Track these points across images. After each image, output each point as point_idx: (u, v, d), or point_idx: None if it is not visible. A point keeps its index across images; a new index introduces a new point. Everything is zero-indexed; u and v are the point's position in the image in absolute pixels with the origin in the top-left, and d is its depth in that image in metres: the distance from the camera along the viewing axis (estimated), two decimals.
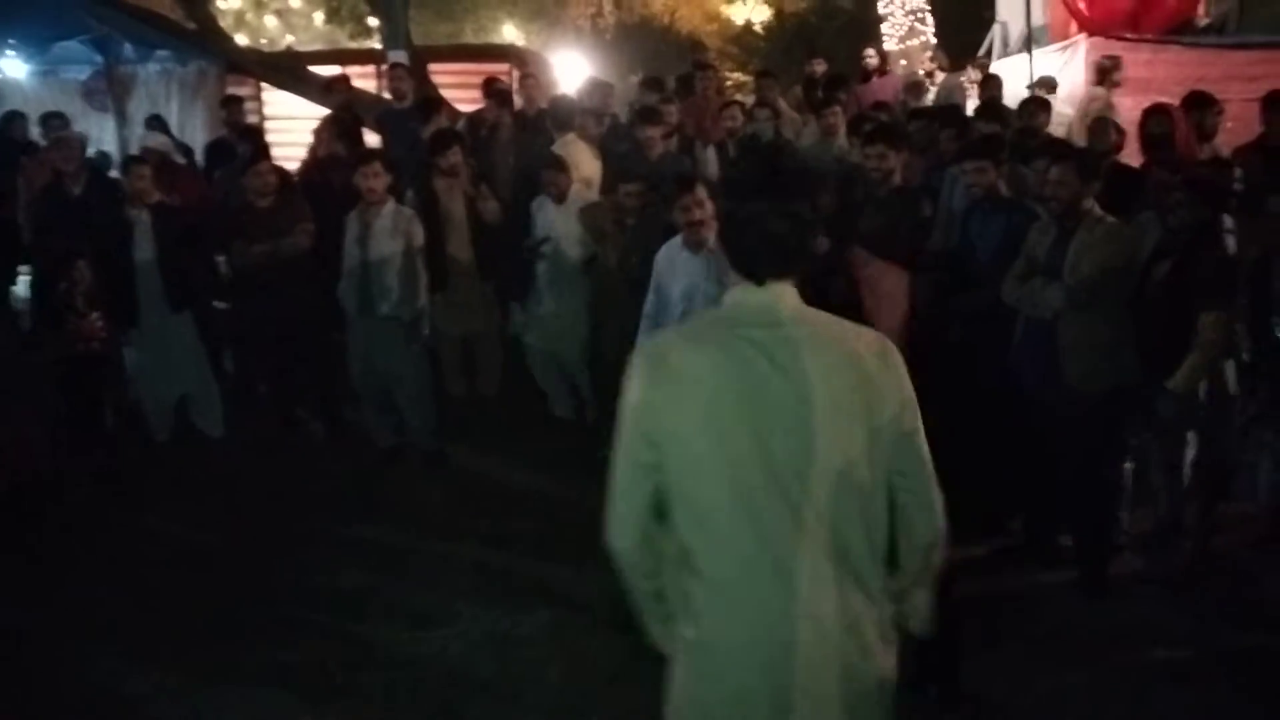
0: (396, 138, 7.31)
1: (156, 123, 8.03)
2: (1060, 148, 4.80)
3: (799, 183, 1.87)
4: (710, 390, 1.79)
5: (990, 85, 8.24)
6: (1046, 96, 7.19)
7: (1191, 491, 4.37)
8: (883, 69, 9.82)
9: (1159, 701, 3.56)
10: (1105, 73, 7.75)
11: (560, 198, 5.75)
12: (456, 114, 7.96)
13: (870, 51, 10.11)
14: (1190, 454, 4.36)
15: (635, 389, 1.84)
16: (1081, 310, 4.00)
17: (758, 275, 1.84)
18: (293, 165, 7.35)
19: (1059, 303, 4.03)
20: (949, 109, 6.44)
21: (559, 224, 5.75)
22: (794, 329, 1.83)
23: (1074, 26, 9.69)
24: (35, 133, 7.92)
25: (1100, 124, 6.08)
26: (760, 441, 1.78)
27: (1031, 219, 4.31)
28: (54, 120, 7.60)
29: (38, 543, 4.77)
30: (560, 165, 5.83)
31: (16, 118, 8.13)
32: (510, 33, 19.47)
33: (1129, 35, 8.94)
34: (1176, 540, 4.39)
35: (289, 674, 3.78)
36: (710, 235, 4.17)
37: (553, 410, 6.16)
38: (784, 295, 1.85)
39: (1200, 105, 6.04)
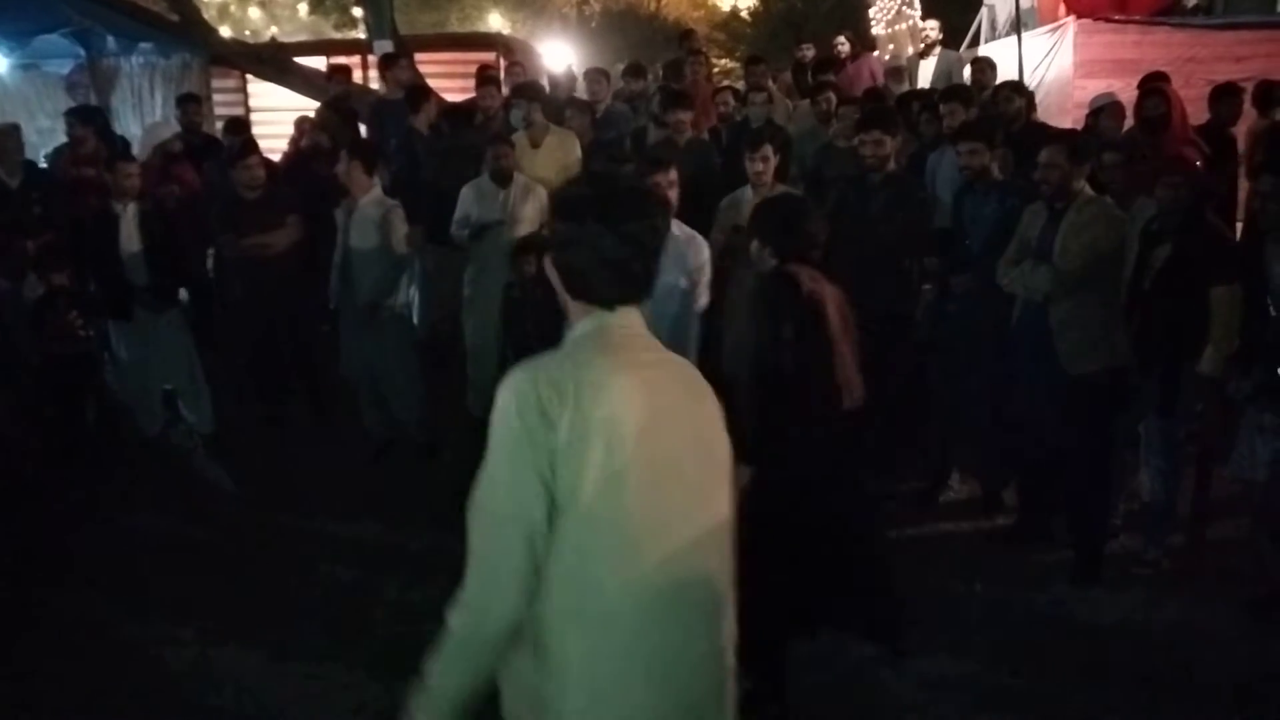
0: (391, 129, 7.23)
1: (97, 116, 7.76)
2: (1050, 130, 4.78)
3: (636, 204, 1.77)
4: (624, 420, 1.66)
5: (981, 69, 8.16)
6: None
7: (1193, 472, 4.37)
8: (855, 53, 9.73)
9: (1144, 686, 3.57)
10: None
11: (506, 178, 5.63)
12: (444, 103, 7.90)
13: (840, 39, 10.01)
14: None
15: (533, 419, 1.62)
16: (1071, 293, 4.00)
17: (604, 300, 1.76)
18: (278, 157, 7.31)
19: (1048, 285, 4.02)
20: (955, 87, 6.35)
21: (515, 207, 5.59)
22: (653, 358, 1.80)
23: (1062, 9, 9.67)
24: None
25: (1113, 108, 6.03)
26: (675, 469, 1.73)
27: (1025, 202, 4.30)
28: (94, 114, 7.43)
29: (25, 542, 4.73)
30: (508, 142, 5.71)
31: None
32: (495, 21, 19.37)
33: (1117, 17, 8.93)
34: (1171, 522, 4.40)
35: (286, 669, 3.76)
36: None
37: (470, 407, 5.73)
38: (638, 321, 1.80)
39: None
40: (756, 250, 3.40)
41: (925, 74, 10.17)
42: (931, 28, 9.75)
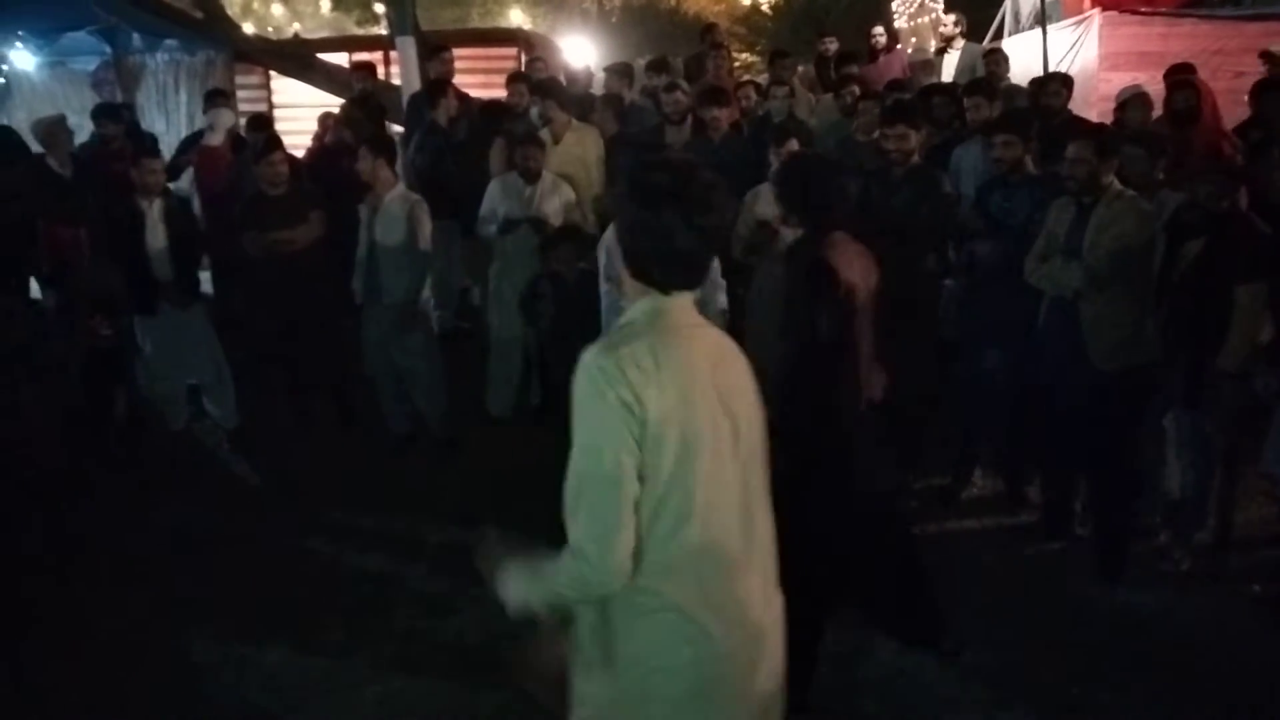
0: (418, 123, 7.24)
1: (125, 112, 7.82)
2: (1076, 125, 4.74)
3: (712, 198, 1.82)
4: (690, 389, 1.80)
5: (995, 61, 8.09)
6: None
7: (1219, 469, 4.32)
8: (890, 46, 9.69)
9: (1164, 687, 3.54)
10: None
11: (535, 177, 5.66)
12: (465, 97, 7.92)
13: (879, 29, 9.98)
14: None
15: (626, 394, 1.75)
16: (1102, 289, 3.96)
17: (664, 286, 1.84)
18: (302, 153, 7.35)
19: (1078, 282, 3.99)
20: (979, 81, 6.31)
21: (541, 203, 5.63)
22: (707, 337, 1.90)
23: (1087, 1, 9.58)
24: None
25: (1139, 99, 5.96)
26: (734, 435, 1.87)
27: (1058, 195, 4.25)
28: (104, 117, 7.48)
29: (58, 535, 4.79)
30: (539, 142, 5.75)
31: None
32: (516, 17, 19.39)
33: (1143, 9, 8.85)
34: (1200, 519, 4.35)
35: (308, 663, 3.79)
36: None
37: (488, 408, 5.98)
38: (691, 304, 1.89)
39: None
40: (781, 213, 3.42)
41: (948, 68, 10.10)
42: (951, 22, 9.67)
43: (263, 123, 7.09)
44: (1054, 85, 6.06)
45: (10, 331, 4.92)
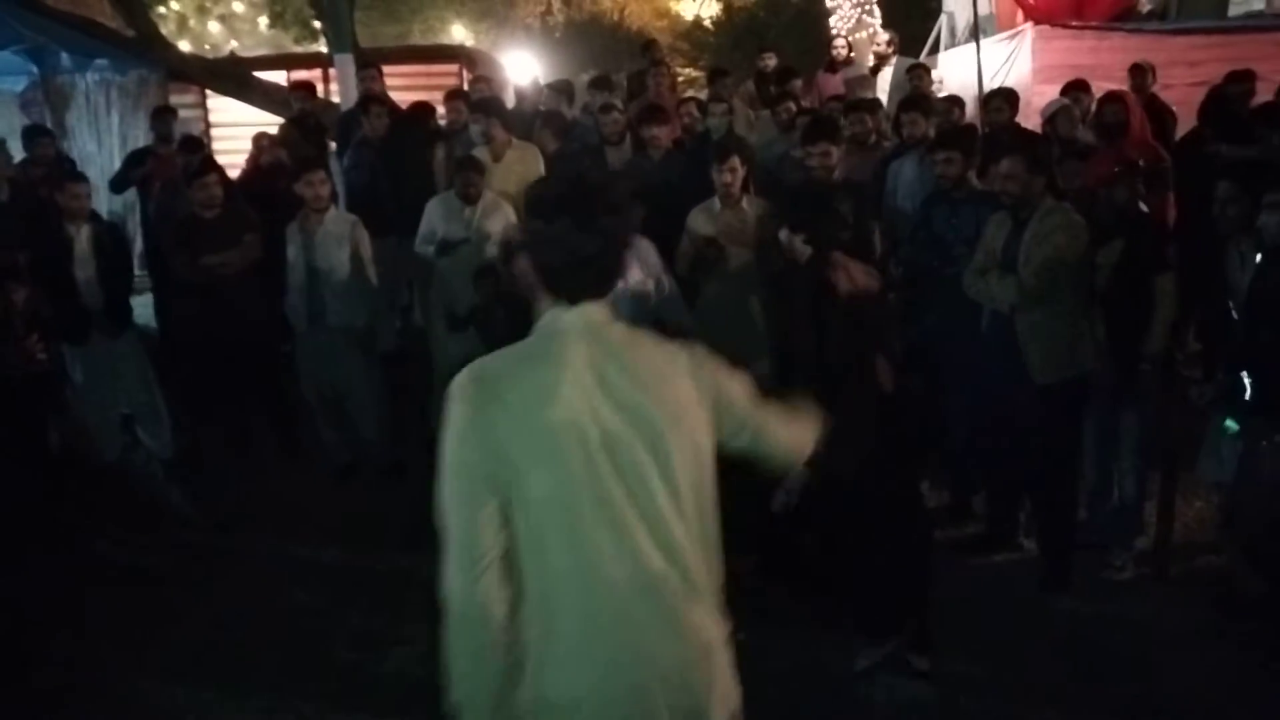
0: (348, 140, 7.17)
1: (44, 135, 7.60)
2: (1006, 140, 4.81)
3: (606, 198, 1.81)
4: (560, 413, 1.72)
5: (918, 76, 8.21)
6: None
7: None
8: (849, 59, 9.81)
9: (1119, 694, 3.58)
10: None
11: (474, 199, 5.58)
12: (397, 111, 7.82)
13: (840, 41, 10.10)
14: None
15: (472, 414, 1.72)
16: (1037, 302, 4.01)
17: (572, 294, 1.81)
18: (238, 173, 7.21)
19: (1014, 296, 4.03)
20: (915, 97, 6.40)
21: (481, 223, 5.52)
22: (620, 346, 1.82)
23: (1020, 16, 9.77)
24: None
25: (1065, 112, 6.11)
26: (613, 460, 1.75)
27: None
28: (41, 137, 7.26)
29: None
30: (478, 167, 5.69)
31: None
32: (459, 33, 19.30)
33: (1074, 23, 9.05)
34: (1138, 525, 4.42)
35: (245, 704, 3.68)
36: None
37: (434, 428, 5.84)
38: (600, 314, 1.83)
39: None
40: (787, 239, 3.61)
41: (883, 84, 10.24)
42: (884, 40, 9.83)
43: (196, 144, 6.95)
44: (996, 102, 6.16)
45: None
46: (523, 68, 12.73)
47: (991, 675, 3.68)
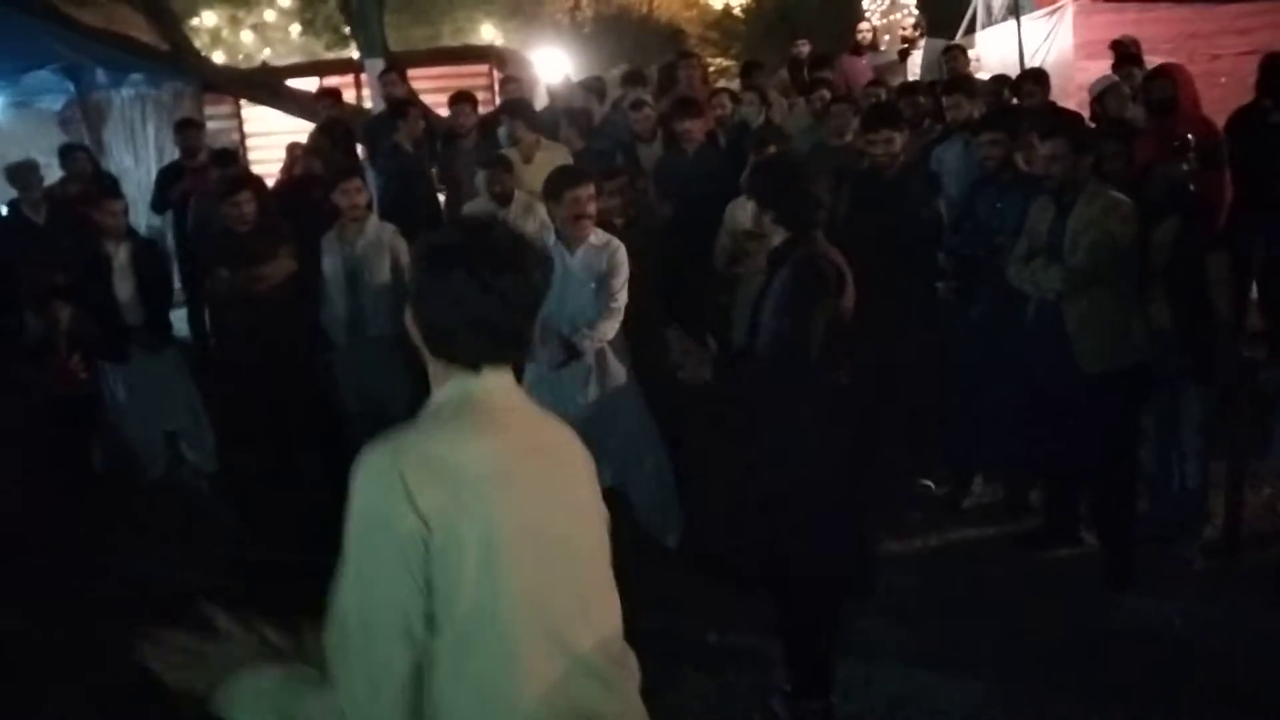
0: (379, 147, 7.14)
1: (79, 151, 7.63)
2: (1051, 120, 4.64)
3: (509, 256, 1.58)
4: (500, 505, 1.51)
5: (954, 58, 8.00)
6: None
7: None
8: (875, 44, 9.64)
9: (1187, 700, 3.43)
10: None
11: (506, 199, 5.53)
12: (435, 117, 7.79)
13: (864, 26, 9.95)
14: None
15: (405, 507, 1.46)
16: (1084, 289, 3.86)
17: (470, 361, 1.58)
18: (272, 181, 7.21)
19: (1059, 283, 3.89)
20: (958, 79, 6.23)
21: (514, 225, 5.51)
22: (526, 426, 1.64)
23: None
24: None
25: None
26: (552, 543, 1.58)
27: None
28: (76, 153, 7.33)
29: (28, 592, 4.65)
30: (507, 166, 5.62)
31: None
32: (488, 32, 19.28)
33: None
34: (1204, 517, 4.25)
35: None
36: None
37: None
38: (508, 384, 1.63)
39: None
40: (756, 215, 3.29)
41: (913, 68, 10.05)
42: (910, 25, 9.69)
43: (228, 157, 6.93)
44: (1028, 85, 5.97)
45: None
46: (553, 65, 12.67)
47: (1058, 674, 3.54)
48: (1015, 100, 6.09)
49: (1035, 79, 6.13)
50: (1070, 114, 6.08)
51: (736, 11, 20.27)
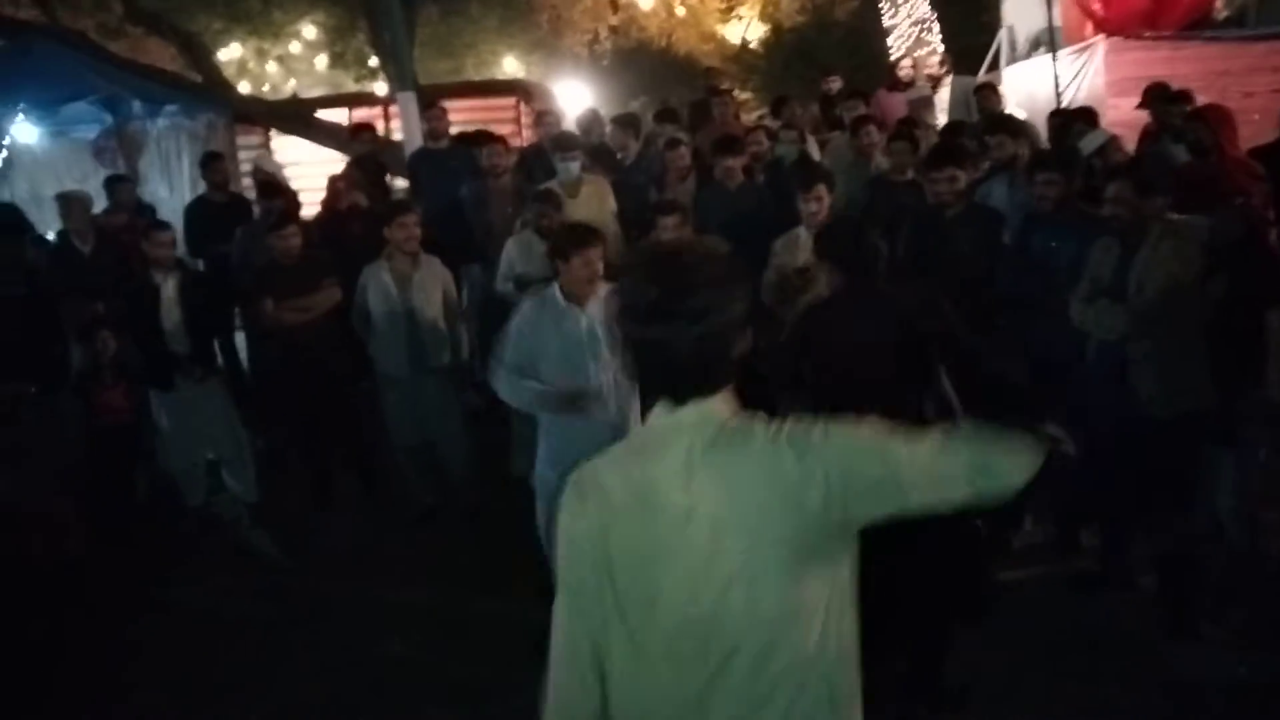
0: (434, 180, 7.07)
1: (125, 182, 7.71)
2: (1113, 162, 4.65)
3: (702, 291, 1.61)
4: (656, 512, 1.63)
5: (986, 96, 8.03)
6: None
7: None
8: (915, 80, 9.70)
9: None
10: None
11: (551, 234, 5.53)
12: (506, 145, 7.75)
13: (906, 62, 10.04)
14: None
15: (580, 523, 1.70)
16: (1148, 331, 3.84)
17: (676, 396, 1.67)
18: (304, 211, 7.24)
19: (1124, 325, 3.87)
20: (1002, 118, 6.27)
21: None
22: (707, 451, 1.62)
23: (1089, 28, 9.55)
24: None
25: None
26: (664, 576, 1.64)
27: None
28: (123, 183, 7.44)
29: (72, 619, 4.64)
30: (554, 201, 5.62)
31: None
32: (511, 65, 19.44)
33: (1147, 34, 8.81)
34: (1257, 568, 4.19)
35: None
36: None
37: (514, 469, 5.39)
38: (704, 415, 1.65)
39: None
40: (813, 265, 3.82)
41: (940, 102, 10.09)
42: (936, 62, 9.79)
43: (274, 189, 6.91)
44: (1079, 126, 5.97)
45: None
46: (573, 97, 12.77)
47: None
48: (1063, 140, 6.08)
49: (1086, 118, 6.12)
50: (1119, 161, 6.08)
51: (755, 45, 20.40)
